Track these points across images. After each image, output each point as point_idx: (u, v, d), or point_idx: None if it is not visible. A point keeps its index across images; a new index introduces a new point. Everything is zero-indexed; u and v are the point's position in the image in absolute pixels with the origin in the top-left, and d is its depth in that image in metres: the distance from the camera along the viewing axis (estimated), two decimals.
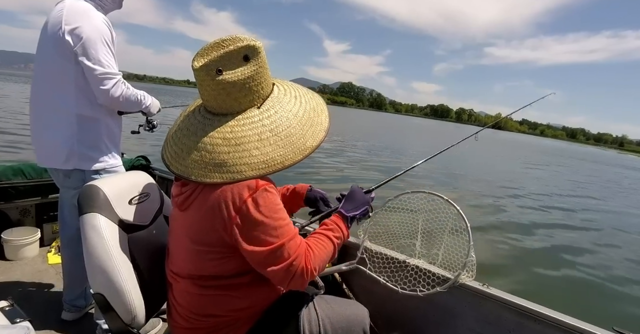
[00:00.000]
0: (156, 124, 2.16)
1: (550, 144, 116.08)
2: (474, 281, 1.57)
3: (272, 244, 0.97)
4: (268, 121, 1.00)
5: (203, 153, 0.97)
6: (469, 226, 1.54)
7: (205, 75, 0.95)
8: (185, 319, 1.11)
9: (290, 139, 1.00)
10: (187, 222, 1.04)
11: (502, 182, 13.93)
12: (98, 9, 1.70)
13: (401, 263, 1.73)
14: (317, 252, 1.07)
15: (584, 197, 13.68)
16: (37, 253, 2.72)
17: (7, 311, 1.18)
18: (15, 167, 2.57)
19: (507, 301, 1.48)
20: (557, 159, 36.09)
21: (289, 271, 0.99)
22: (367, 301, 1.64)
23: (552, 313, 1.40)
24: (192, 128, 1.03)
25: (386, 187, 1.58)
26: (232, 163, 0.95)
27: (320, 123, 1.08)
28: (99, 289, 1.07)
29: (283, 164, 0.98)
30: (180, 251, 1.08)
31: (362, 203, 1.29)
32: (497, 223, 7.78)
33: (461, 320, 1.63)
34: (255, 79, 0.98)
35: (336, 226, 1.19)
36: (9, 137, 9.99)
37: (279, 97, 1.06)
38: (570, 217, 9.61)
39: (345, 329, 1.25)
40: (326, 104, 1.17)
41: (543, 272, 5.52)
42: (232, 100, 0.98)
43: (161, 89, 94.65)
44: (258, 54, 0.97)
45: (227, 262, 1.03)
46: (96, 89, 1.64)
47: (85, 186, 1.17)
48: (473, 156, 22.43)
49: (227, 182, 0.95)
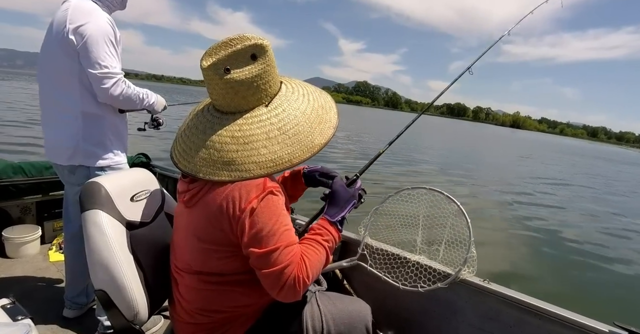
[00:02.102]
0: (162, 122, 2.16)
1: (569, 143, 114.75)
2: (474, 277, 1.57)
3: (268, 246, 0.96)
4: (276, 119, 1.00)
5: (211, 151, 0.98)
6: (469, 222, 1.55)
7: (214, 74, 0.95)
8: (189, 314, 1.12)
9: (298, 137, 1.00)
10: (194, 220, 1.04)
11: (510, 181, 13.96)
12: (103, 9, 1.73)
13: (402, 259, 1.73)
14: (311, 261, 1.04)
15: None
16: (38, 250, 2.73)
17: (9, 308, 1.18)
18: (15, 165, 2.57)
19: (508, 297, 1.49)
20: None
21: (280, 277, 0.98)
22: (368, 297, 1.64)
23: (553, 308, 1.40)
24: (200, 126, 1.03)
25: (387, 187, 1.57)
26: (241, 162, 0.96)
27: (329, 120, 1.08)
28: (101, 285, 1.07)
29: (291, 162, 0.98)
30: (186, 248, 1.08)
31: (346, 201, 1.21)
32: (500, 217, 7.81)
33: (462, 316, 1.63)
34: (263, 77, 0.98)
35: (325, 230, 1.14)
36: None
37: (287, 95, 1.06)
38: (581, 213, 9.64)
39: (347, 325, 1.26)
40: (338, 103, 1.16)
41: (545, 268, 5.54)
42: (240, 98, 0.98)
43: (178, 89, 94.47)
44: (265, 53, 0.97)
45: (233, 260, 1.04)
46: (96, 88, 1.65)
47: (87, 182, 1.17)
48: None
49: (235, 180, 0.96)
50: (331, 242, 1.13)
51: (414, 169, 12.93)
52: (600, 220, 9.41)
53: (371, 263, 1.78)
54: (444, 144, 29.04)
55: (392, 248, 1.79)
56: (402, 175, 11.22)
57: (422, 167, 13.63)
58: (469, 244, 1.54)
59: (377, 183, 9.15)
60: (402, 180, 10.28)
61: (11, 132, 10.76)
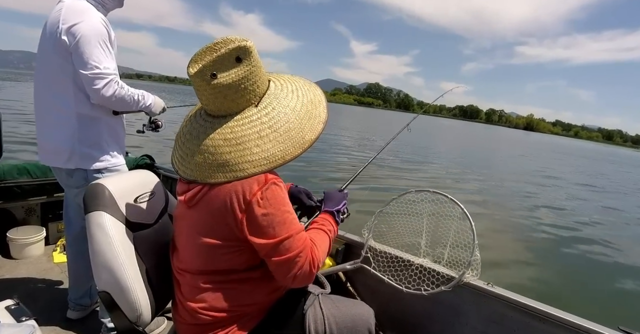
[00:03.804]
0: (161, 124, 2.14)
1: (582, 146, 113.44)
2: (478, 280, 1.57)
3: (279, 236, 1.00)
4: (266, 118, 1.01)
5: (206, 155, 1.00)
6: (473, 225, 1.54)
7: (201, 80, 0.96)
8: (192, 315, 1.11)
9: (289, 134, 1.01)
10: (196, 219, 1.05)
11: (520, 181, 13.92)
12: (98, 9, 1.70)
13: (406, 262, 1.72)
14: (319, 245, 1.12)
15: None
16: (43, 251, 2.74)
17: (13, 309, 1.19)
18: (20, 166, 2.58)
19: (512, 301, 1.48)
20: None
21: (296, 262, 1.02)
22: (371, 300, 1.64)
23: (557, 312, 1.39)
24: (194, 132, 1.05)
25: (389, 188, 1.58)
26: (235, 162, 0.97)
27: (318, 115, 1.10)
28: (104, 287, 1.07)
29: (284, 159, 1.00)
30: (190, 248, 1.09)
31: (340, 199, 1.36)
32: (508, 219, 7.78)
33: (466, 319, 1.63)
34: (249, 78, 0.99)
35: (327, 221, 1.25)
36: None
37: (276, 93, 1.07)
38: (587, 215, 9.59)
39: (350, 328, 1.26)
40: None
41: (548, 270, 5.51)
42: (229, 102, 1.00)
43: (190, 90, 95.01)
44: (250, 54, 0.98)
45: (238, 256, 1.05)
46: (88, 89, 1.62)
47: (91, 184, 1.17)
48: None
49: (231, 180, 0.97)
50: (332, 233, 1.24)
51: (420, 172, 12.91)
52: (606, 222, 9.35)
53: (375, 265, 1.78)
54: (453, 146, 29.01)
55: (396, 251, 1.79)
56: (407, 178, 11.20)
57: (428, 170, 13.61)
58: (473, 247, 1.53)
59: (380, 185, 9.14)
60: (408, 183, 10.28)
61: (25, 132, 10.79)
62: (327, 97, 1.20)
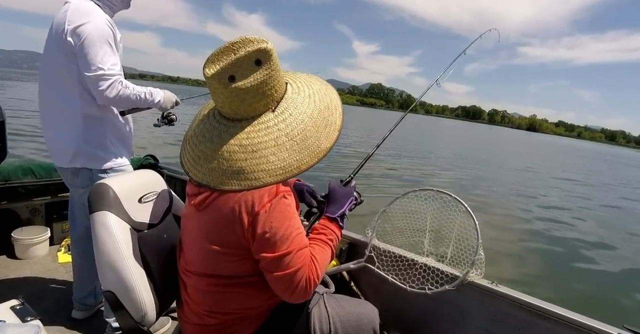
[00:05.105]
0: (175, 118, 2.15)
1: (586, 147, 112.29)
2: (482, 279, 1.56)
3: (279, 251, 0.99)
4: (283, 124, 0.97)
5: (220, 160, 0.96)
6: (477, 224, 1.54)
7: (218, 83, 0.92)
8: (197, 315, 1.12)
9: (305, 143, 0.97)
10: (204, 223, 1.05)
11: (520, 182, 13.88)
12: (104, 10, 1.70)
13: (409, 261, 1.72)
14: (319, 261, 1.08)
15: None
16: (47, 251, 2.75)
17: (18, 309, 1.19)
18: (25, 167, 2.59)
19: (516, 299, 1.47)
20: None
21: (293, 280, 1.01)
22: (375, 299, 1.64)
23: (561, 311, 1.39)
24: (207, 134, 1.01)
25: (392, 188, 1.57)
26: (250, 170, 0.93)
27: (334, 122, 1.05)
28: (109, 286, 1.08)
29: (299, 169, 0.96)
30: (196, 250, 1.09)
31: (345, 198, 1.28)
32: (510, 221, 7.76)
33: (470, 318, 1.62)
34: (268, 83, 0.95)
35: (328, 229, 1.19)
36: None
37: (293, 98, 1.03)
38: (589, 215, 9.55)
39: (355, 327, 1.26)
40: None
41: (553, 269, 5.50)
42: (246, 106, 0.96)
43: (193, 91, 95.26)
44: (270, 57, 0.93)
45: (243, 264, 1.04)
46: (93, 90, 1.63)
47: (96, 184, 1.18)
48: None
49: (245, 189, 0.94)
50: (335, 241, 1.19)
51: (422, 171, 12.89)
52: (610, 221, 9.32)
53: (378, 264, 1.78)
54: (457, 146, 28.95)
55: (400, 250, 1.79)
56: (408, 178, 11.18)
57: (432, 169, 13.59)
58: (477, 246, 1.53)
59: (383, 185, 9.14)
60: (412, 182, 10.26)
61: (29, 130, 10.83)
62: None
